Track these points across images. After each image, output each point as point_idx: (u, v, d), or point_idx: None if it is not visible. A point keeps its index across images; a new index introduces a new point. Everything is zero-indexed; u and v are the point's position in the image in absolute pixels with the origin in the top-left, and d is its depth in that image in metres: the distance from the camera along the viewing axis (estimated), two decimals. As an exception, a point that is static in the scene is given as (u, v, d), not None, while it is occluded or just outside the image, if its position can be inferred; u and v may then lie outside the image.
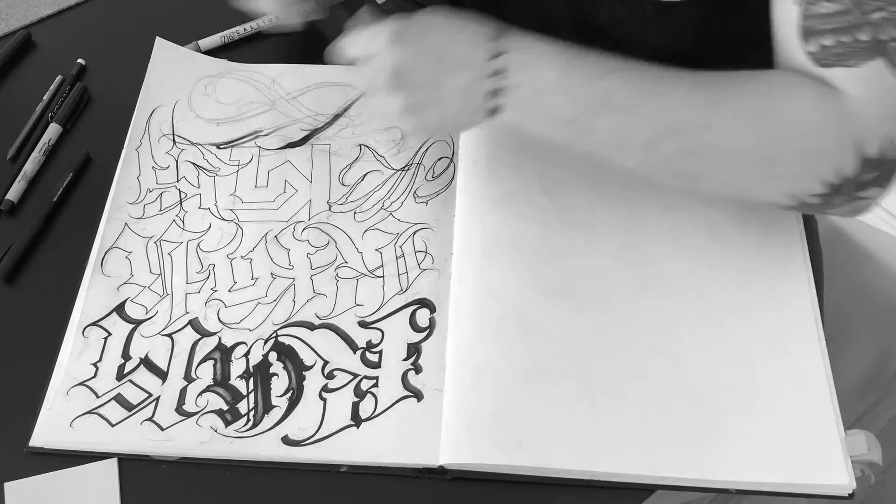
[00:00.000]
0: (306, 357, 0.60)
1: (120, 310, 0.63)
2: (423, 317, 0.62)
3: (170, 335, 0.61)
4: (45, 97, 0.75)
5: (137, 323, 0.62)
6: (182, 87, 0.75)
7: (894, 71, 0.51)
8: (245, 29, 0.80)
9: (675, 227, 0.64)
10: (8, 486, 0.56)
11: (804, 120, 0.53)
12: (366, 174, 0.70)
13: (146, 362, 0.60)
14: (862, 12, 0.50)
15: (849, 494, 0.55)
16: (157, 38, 0.78)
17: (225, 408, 0.58)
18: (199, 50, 0.79)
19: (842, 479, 0.54)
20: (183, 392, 0.59)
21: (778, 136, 0.53)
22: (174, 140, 0.72)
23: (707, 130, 0.54)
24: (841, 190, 0.54)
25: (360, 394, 0.59)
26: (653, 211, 0.65)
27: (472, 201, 0.67)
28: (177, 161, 0.71)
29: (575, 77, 0.55)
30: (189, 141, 0.72)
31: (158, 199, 0.69)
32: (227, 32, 0.80)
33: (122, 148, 0.71)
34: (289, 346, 0.61)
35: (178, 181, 0.70)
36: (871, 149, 0.53)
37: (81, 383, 0.59)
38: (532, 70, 0.56)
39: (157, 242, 0.66)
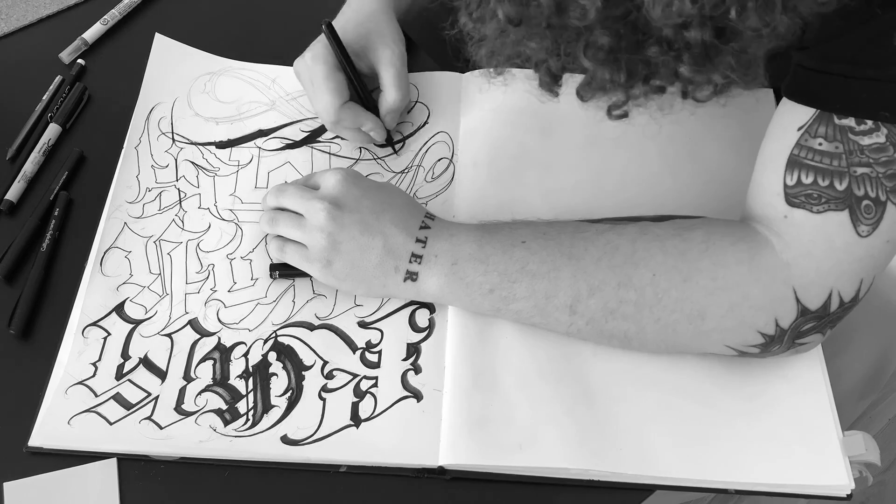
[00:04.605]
0: (306, 357, 0.60)
1: (119, 310, 0.62)
2: (422, 317, 0.62)
3: (169, 335, 0.61)
4: (45, 97, 0.75)
5: (137, 323, 0.62)
6: (181, 84, 0.75)
7: (853, 228, 0.51)
8: (121, 11, 0.82)
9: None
10: (7, 486, 0.56)
11: (729, 274, 0.54)
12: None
13: (145, 362, 0.60)
14: (850, 162, 0.50)
15: (847, 495, 0.55)
16: (157, 35, 0.78)
17: (224, 407, 0.58)
18: (87, 45, 0.79)
19: (840, 480, 0.55)
20: (182, 391, 0.59)
21: (702, 291, 0.54)
22: (173, 139, 0.72)
23: (625, 288, 0.54)
24: (779, 339, 0.55)
25: (359, 394, 0.59)
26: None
27: (472, 202, 0.67)
28: (176, 160, 0.71)
29: (491, 248, 0.57)
30: (188, 140, 0.72)
31: (157, 198, 0.69)
32: (107, 16, 0.81)
33: (122, 147, 0.71)
34: (288, 346, 0.61)
35: (177, 180, 0.70)
36: (814, 301, 0.53)
37: (80, 382, 0.59)
38: (450, 242, 0.58)
39: (157, 242, 0.66)
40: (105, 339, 0.61)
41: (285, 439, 0.57)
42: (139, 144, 0.71)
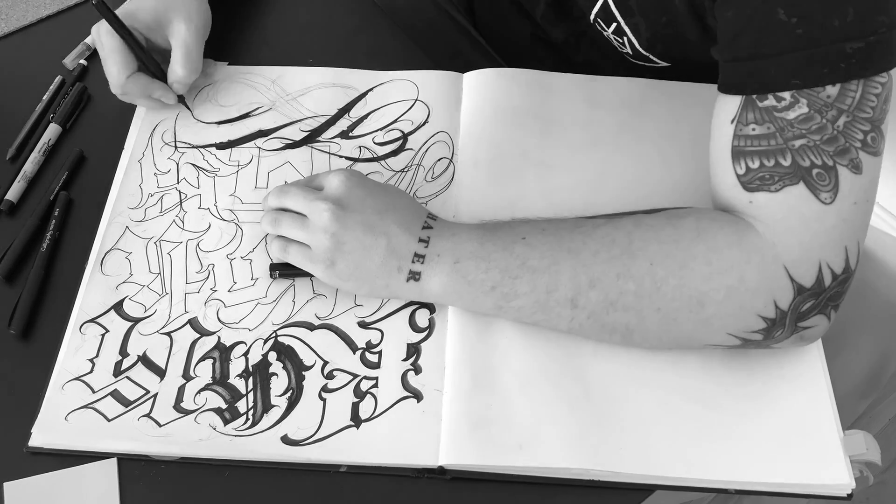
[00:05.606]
0: (306, 357, 0.60)
1: (118, 308, 0.62)
2: (422, 317, 0.62)
3: (168, 333, 0.61)
4: (45, 97, 0.75)
5: (136, 321, 0.62)
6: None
7: (814, 197, 0.52)
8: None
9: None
10: (7, 486, 0.56)
11: (722, 257, 0.54)
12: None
13: (144, 360, 0.60)
14: (784, 138, 0.52)
15: (847, 494, 0.55)
16: None
17: (223, 406, 0.58)
18: (90, 50, 0.79)
19: (841, 479, 0.55)
20: (181, 390, 0.59)
21: (698, 277, 0.54)
22: (176, 147, 0.72)
23: (624, 279, 0.55)
24: (780, 322, 0.55)
25: (359, 394, 0.59)
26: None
27: (472, 202, 0.67)
28: (178, 164, 0.71)
29: (492, 245, 0.58)
30: (190, 144, 0.72)
31: (159, 202, 0.69)
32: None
33: (122, 149, 0.71)
34: (288, 346, 0.61)
35: (178, 183, 0.70)
36: (805, 276, 0.53)
37: (77, 378, 0.59)
38: (452, 241, 0.59)
39: (157, 242, 0.66)
40: (103, 335, 0.61)
41: (285, 439, 0.57)
42: (142, 158, 0.71)
